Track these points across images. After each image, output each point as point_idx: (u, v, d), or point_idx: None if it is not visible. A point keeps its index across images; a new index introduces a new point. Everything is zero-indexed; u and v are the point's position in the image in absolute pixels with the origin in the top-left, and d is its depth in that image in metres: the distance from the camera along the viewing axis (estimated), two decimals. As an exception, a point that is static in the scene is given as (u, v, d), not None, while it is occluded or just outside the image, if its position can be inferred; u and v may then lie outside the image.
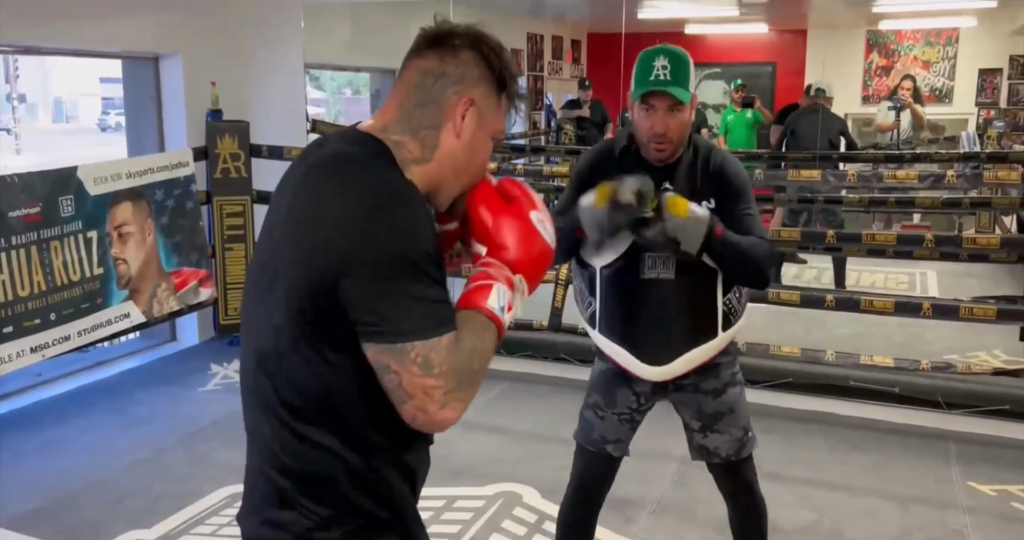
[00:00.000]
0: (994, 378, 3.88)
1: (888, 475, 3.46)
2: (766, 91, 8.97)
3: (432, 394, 1.13)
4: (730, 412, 2.21)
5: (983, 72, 8.54)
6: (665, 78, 1.97)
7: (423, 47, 1.25)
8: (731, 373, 2.23)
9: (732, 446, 2.23)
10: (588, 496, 2.32)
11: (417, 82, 1.24)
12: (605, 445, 2.25)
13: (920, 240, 3.92)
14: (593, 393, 2.28)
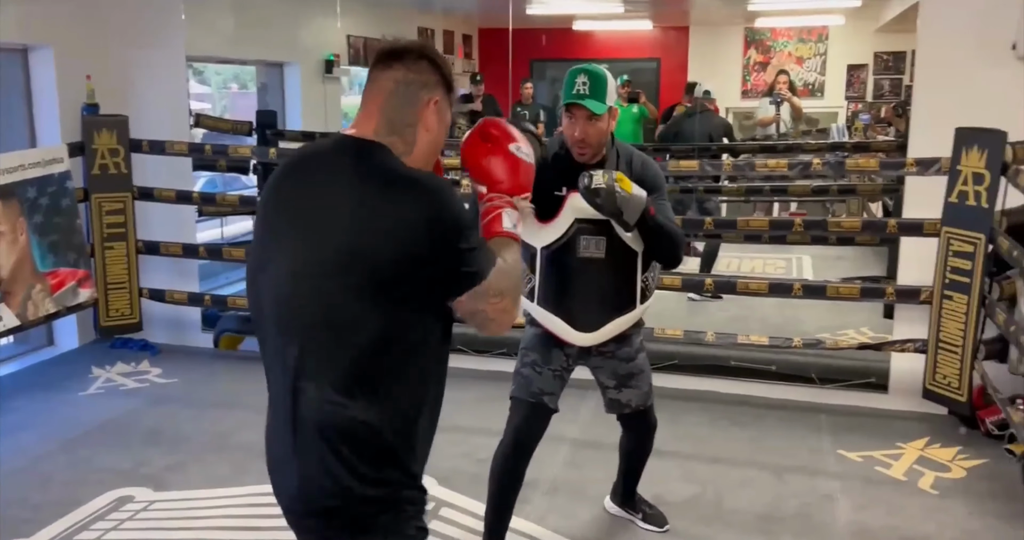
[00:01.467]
0: (860, 353, 4.14)
1: (765, 447, 3.66)
2: (651, 86, 9.25)
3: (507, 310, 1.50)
4: (640, 372, 2.70)
5: (851, 67, 9.04)
6: (584, 93, 2.36)
7: (389, 60, 1.53)
8: (640, 341, 2.71)
9: (640, 398, 2.71)
10: (523, 448, 2.60)
11: (392, 89, 1.52)
12: (543, 396, 2.60)
13: (791, 225, 4.14)
14: (530, 353, 2.62)
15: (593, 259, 2.46)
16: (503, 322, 1.52)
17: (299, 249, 1.46)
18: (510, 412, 2.63)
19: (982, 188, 3.36)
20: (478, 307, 1.48)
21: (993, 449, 3.55)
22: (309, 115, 6.40)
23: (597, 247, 2.45)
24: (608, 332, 2.54)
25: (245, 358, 4.92)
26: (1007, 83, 3.80)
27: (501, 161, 1.65)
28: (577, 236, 2.44)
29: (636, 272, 2.51)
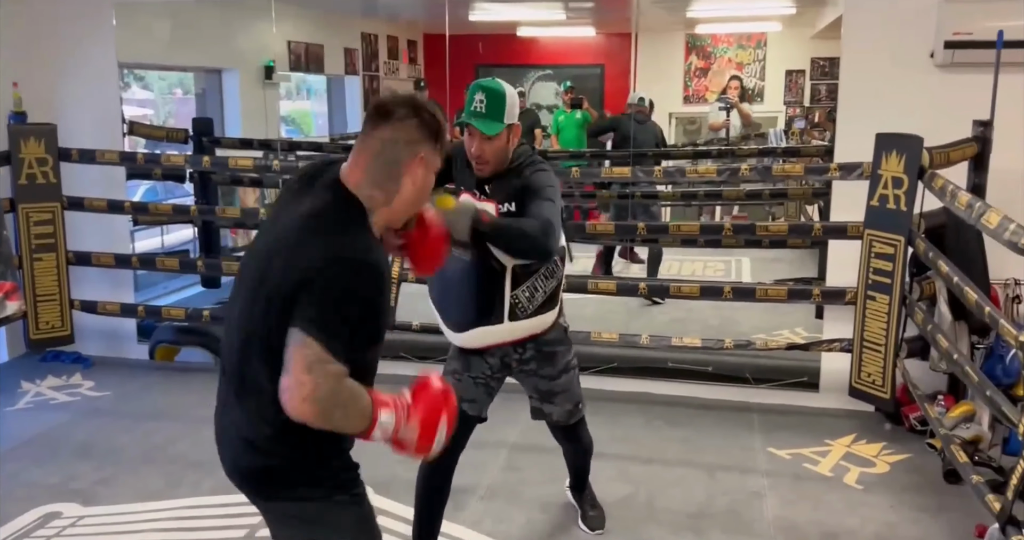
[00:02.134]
0: (792, 352, 4.22)
1: (698, 447, 3.72)
2: (596, 92, 9.32)
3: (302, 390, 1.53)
4: (563, 392, 2.70)
5: (789, 73, 9.21)
6: (480, 111, 2.36)
7: (378, 119, 1.67)
8: (566, 361, 2.68)
9: (563, 415, 2.74)
10: (448, 456, 2.49)
11: (378, 150, 1.66)
12: (462, 404, 2.41)
13: (721, 229, 4.22)
14: (452, 361, 2.65)
15: (463, 262, 2.41)
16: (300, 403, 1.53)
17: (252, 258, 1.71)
18: None
19: (901, 192, 3.47)
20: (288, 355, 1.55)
21: (916, 444, 3.66)
22: (249, 121, 6.34)
23: (465, 250, 2.37)
24: (477, 337, 2.53)
25: (182, 369, 4.87)
26: (926, 90, 3.94)
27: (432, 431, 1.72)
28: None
29: (503, 286, 2.45)
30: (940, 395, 3.68)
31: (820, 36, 8.43)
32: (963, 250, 3.46)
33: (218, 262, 5.05)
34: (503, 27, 8.74)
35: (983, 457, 3.26)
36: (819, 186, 5.24)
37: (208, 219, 5.29)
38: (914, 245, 3.41)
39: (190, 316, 4.67)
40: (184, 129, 5.73)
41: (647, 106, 6.42)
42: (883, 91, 3.99)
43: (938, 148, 3.41)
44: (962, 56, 3.82)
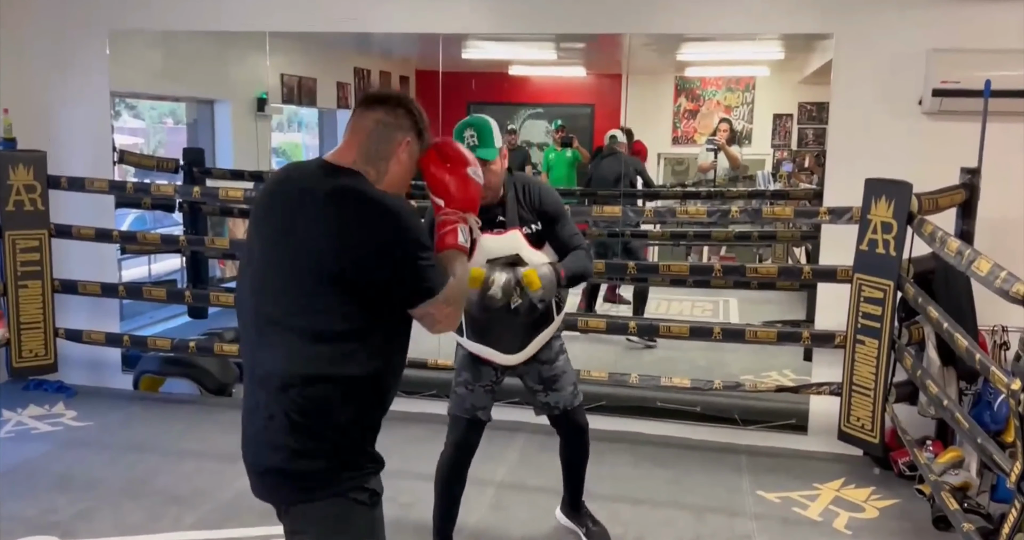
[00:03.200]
0: (782, 395, 4.22)
1: (686, 488, 3.70)
2: (585, 131, 9.39)
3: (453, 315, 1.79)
4: (563, 374, 2.95)
5: (777, 117, 9.34)
6: (474, 144, 2.61)
7: (372, 103, 1.82)
8: (559, 344, 2.97)
9: (567, 399, 2.96)
10: (462, 458, 2.90)
11: (372, 128, 1.79)
12: (476, 411, 2.88)
13: (711, 270, 4.24)
14: (463, 372, 2.90)
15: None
16: (449, 325, 1.81)
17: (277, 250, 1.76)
18: (449, 427, 2.92)
19: (890, 237, 3.50)
20: (428, 311, 1.75)
21: (905, 489, 3.65)
22: (240, 153, 6.34)
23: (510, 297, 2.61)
24: (531, 350, 2.84)
25: (166, 400, 4.81)
26: (914, 137, 4.01)
27: (458, 181, 1.91)
28: (491, 274, 2.60)
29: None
30: (929, 440, 3.69)
31: (807, 81, 8.56)
32: (951, 296, 3.49)
33: (206, 293, 5.01)
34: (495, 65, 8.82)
35: (972, 504, 3.25)
36: (807, 229, 5.29)
37: (197, 249, 5.26)
38: (903, 290, 3.44)
39: (176, 347, 4.62)
40: (175, 159, 5.73)
41: (619, 143, 6.48)
42: (872, 137, 4.05)
43: (927, 194, 3.45)
44: (950, 104, 3.89)
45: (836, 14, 4.05)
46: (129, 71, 5.20)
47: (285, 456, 1.72)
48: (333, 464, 1.73)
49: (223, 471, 3.78)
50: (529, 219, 2.74)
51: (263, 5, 4.63)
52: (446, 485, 2.93)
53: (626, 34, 4.65)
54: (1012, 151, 3.82)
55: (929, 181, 3.55)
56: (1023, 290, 2.26)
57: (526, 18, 4.48)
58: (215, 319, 5.54)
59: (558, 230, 2.76)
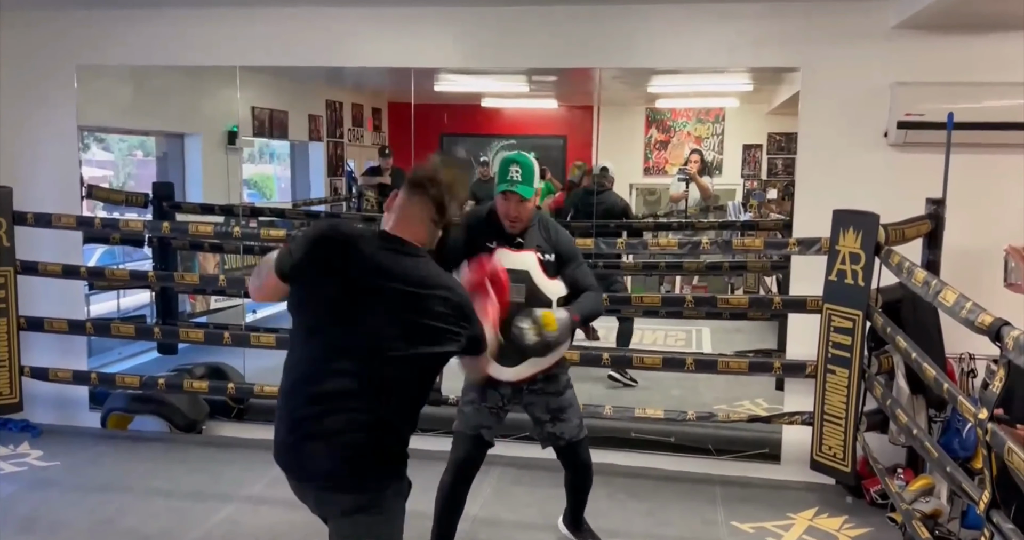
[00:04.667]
0: (755, 424, 4.24)
1: (661, 520, 3.68)
2: (558, 163, 9.45)
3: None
4: (570, 406, 3.11)
5: (747, 147, 9.47)
6: (517, 180, 2.89)
7: (416, 189, 2.17)
8: (566, 379, 3.14)
9: (573, 431, 3.11)
10: (464, 475, 3.04)
11: (417, 213, 2.16)
12: (480, 430, 3.03)
13: (683, 301, 4.27)
14: (470, 392, 3.07)
15: (514, 303, 2.77)
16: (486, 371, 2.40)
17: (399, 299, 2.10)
18: (453, 444, 3.07)
19: (859, 267, 3.54)
20: (474, 364, 2.27)
21: (877, 518, 3.66)
22: (211, 186, 6.31)
23: (518, 293, 2.82)
24: (526, 368, 2.95)
25: (134, 438, 4.72)
26: (880, 168, 4.08)
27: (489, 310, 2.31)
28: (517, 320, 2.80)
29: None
30: (900, 468, 3.71)
31: (776, 112, 8.69)
32: (919, 324, 3.53)
33: (175, 329, 4.96)
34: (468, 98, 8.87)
35: (943, 531, 3.27)
36: (777, 259, 5.34)
37: (167, 285, 5.21)
38: (872, 320, 3.47)
39: (145, 384, 4.55)
40: (144, 193, 5.69)
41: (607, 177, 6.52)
42: (839, 168, 4.12)
43: (893, 225, 3.51)
44: (914, 136, 3.97)
45: (802, 48, 4.13)
46: (97, 105, 5.17)
47: None
48: None
49: (191, 510, 3.71)
50: (545, 248, 2.99)
51: (233, 40, 4.64)
52: (445, 502, 3.04)
53: (597, 68, 4.70)
54: (975, 182, 3.90)
55: (896, 212, 3.61)
56: (988, 320, 2.30)
57: (497, 53, 4.53)
58: (185, 355, 5.47)
59: (572, 270, 3.00)
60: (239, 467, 4.24)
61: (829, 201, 3.74)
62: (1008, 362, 2.23)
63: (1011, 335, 2.14)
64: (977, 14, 3.77)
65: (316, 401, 2.06)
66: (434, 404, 4.16)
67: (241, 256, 6.10)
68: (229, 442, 4.68)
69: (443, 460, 3.14)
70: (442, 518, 3.05)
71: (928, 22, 3.88)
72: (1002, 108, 3.92)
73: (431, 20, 4.46)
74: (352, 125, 8.79)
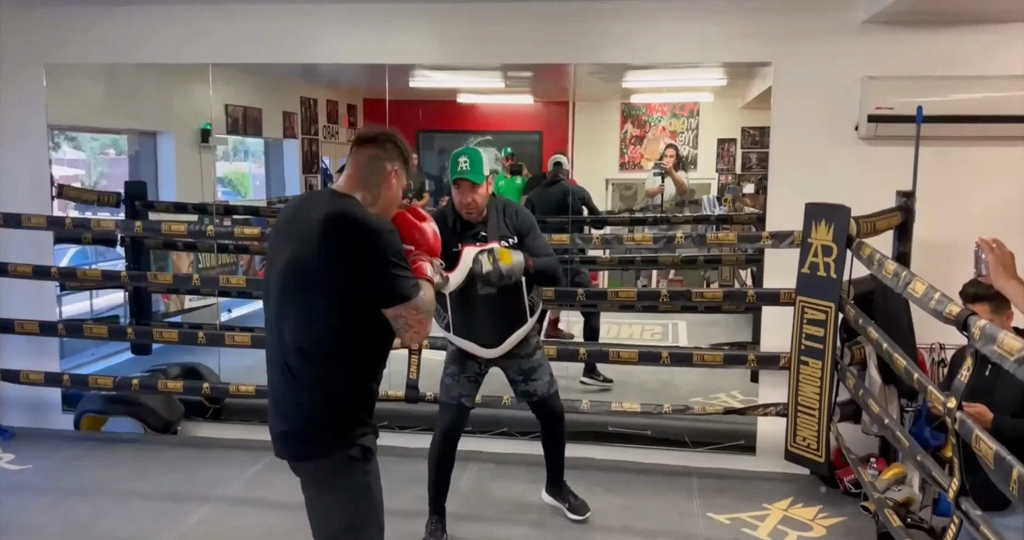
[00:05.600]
0: (730, 416, 4.27)
1: (638, 514, 3.70)
2: (534, 158, 9.45)
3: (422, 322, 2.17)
4: (539, 366, 3.44)
5: (721, 141, 9.52)
6: (465, 169, 3.21)
7: (364, 142, 2.25)
8: (536, 341, 3.47)
9: (543, 387, 3.44)
10: (450, 440, 3.37)
11: (365, 163, 2.22)
12: (461, 398, 3.38)
13: (658, 295, 4.29)
14: (451, 365, 3.42)
15: (488, 294, 3.21)
16: (418, 331, 2.16)
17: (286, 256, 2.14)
18: (439, 413, 3.43)
19: (831, 260, 3.58)
20: (400, 313, 2.12)
21: (851, 507, 3.70)
22: (184, 184, 6.25)
23: (492, 287, 3.17)
24: (508, 344, 3.32)
25: (109, 440, 4.68)
26: (851, 162, 4.12)
27: (423, 234, 2.30)
28: (475, 280, 3.14)
29: (523, 296, 3.31)
30: (873, 458, 3.76)
31: (749, 107, 8.74)
32: (891, 315, 3.58)
33: (149, 329, 4.92)
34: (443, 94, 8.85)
35: (915, 519, 3.31)
36: (751, 252, 5.38)
37: (140, 284, 5.17)
38: (844, 311, 3.51)
39: (118, 385, 4.51)
40: (116, 193, 5.63)
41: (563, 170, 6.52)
42: (811, 162, 4.16)
43: (865, 217, 3.55)
44: (885, 130, 4.01)
45: (774, 43, 4.16)
46: (68, 104, 5.11)
47: None
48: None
49: (168, 511, 3.69)
50: (507, 234, 3.27)
51: (205, 37, 4.60)
52: (437, 464, 3.37)
53: (571, 64, 4.71)
54: (944, 174, 3.95)
55: (867, 204, 3.66)
56: (955, 311, 2.33)
57: (472, 49, 4.53)
58: (159, 355, 5.43)
59: (529, 242, 3.28)
60: (216, 467, 4.22)
61: (802, 194, 3.78)
62: (975, 351, 2.26)
63: (977, 325, 2.18)
64: (944, 10, 3.82)
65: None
66: (411, 401, 4.17)
67: (215, 255, 6.05)
68: (205, 442, 4.66)
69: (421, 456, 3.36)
70: (436, 477, 3.39)
71: (897, 17, 3.92)
72: (970, 101, 3.98)
73: (405, 16, 4.45)
74: (327, 122, 8.75)
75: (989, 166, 4.04)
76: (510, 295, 3.26)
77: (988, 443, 2.09)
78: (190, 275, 5.48)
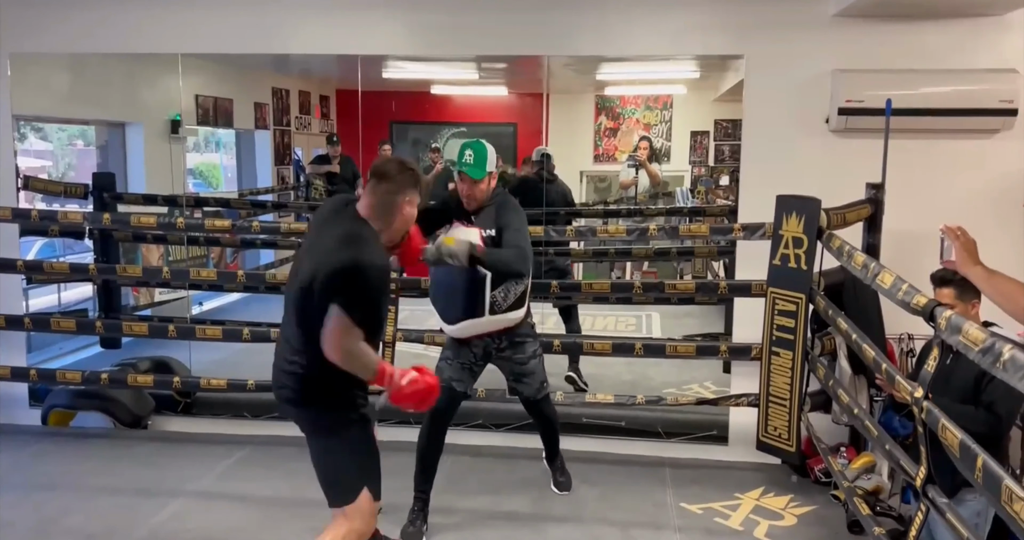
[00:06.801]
0: (703, 407, 4.30)
1: (613, 504, 3.72)
2: (509, 150, 9.42)
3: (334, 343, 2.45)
4: (531, 374, 3.56)
5: (694, 134, 9.56)
6: (469, 163, 3.33)
7: (379, 180, 2.58)
8: (533, 350, 3.56)
9: (532, 392, 3.59)
10: (439, 423, 3.44)
11: (380, 200, 2.58)
12: (452, 382, 3.43)
13: (631, 287, 4.31)
14: (446, 350, 3.54)
15: (452, 270, 3.26)
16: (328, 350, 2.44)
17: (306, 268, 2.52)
18: None
19: (801, 251, 3.61)
20: (330, 326, 2.41)
21: (821, 496, 3.75)
22: (153, 176, 6.17)
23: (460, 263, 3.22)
24: (466, 329, 3.38)
25: (77, 435, 4.62)
26: (822, 154, 4.15)
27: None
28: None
29: (485, 288, 3.30)
30: (843, 447, 3.80)
31: (722, 99, 8.78)
32: (860, 307, 3.62)
33: (118, 323, 4.86)
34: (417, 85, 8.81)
35: (884, 507, 3.36)
36: (724, 244, 5.41)
37: (108, 278, 5.10)
38: (815, 302, 3.55)
39: (87, 379, 4.46)
40: (84, 184, 5.54)
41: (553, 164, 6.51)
42: (783, 154, 4.18)
43: (835, 209, 3.58)
44: (855, 122, 4.05)
45: (746, 36, 4.18)
46: (34, 94, 5.02)
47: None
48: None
49: (138, 507, 3.65)
50: (489, 226, 3.38)
51: (175, 26, 4.54)
52: (423, 447, 3.45)
53: (545, 56, 4.70)
54: (913, 167, 4.00)
55: (837, 196, 3.69)
56: (923, 302, 2.36)
57: (446, 40, 4.50)
58: (129, 349, 5.36)
59: (506, 235, 3.35)
60: (186, 462, 4.18)
61: (773, 187, 3.80)
62: (941, 341, 2.29)
63: (944, 315, 2.20)
64: (913, 4, 3.86)
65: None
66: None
67: (186, 247, 5.99)
68: (176, 437, 4.61)
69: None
70: (423, 462, 3.47)
71: (866, 11, 3.95)
72: (938, 95, 4.02)
73: (379, 6, 4.42)
74: (299, 113, 8.67)
75: (957, 159, 4.10)
76: (470, 281, 3.31)
77: (954, 432, 2.12)
78: (160, 268, 5.41)
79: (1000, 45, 4.01)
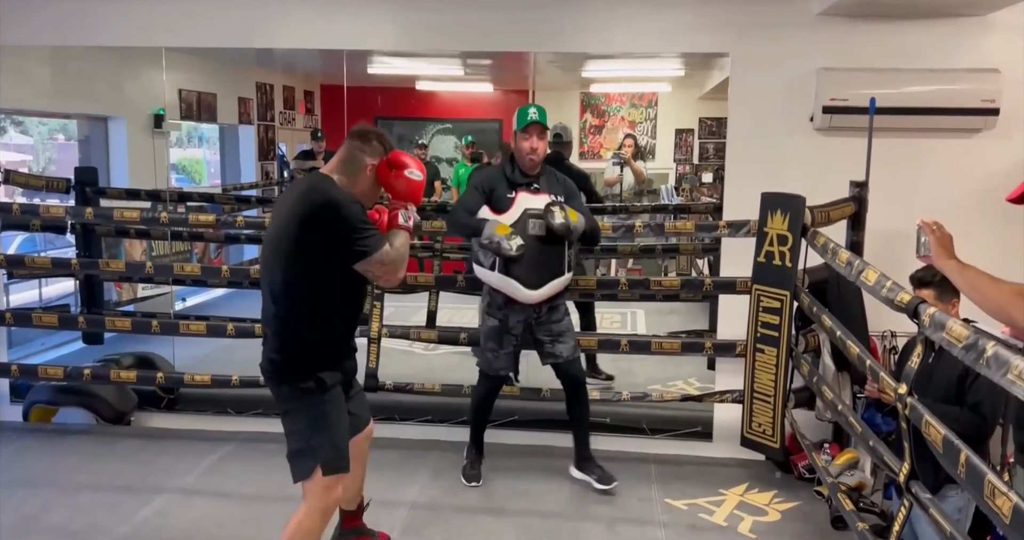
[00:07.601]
0: (688, 404, 4.32)
1: (597, 500, 3.73)
2: (493, 146, 9.45)
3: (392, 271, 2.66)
4: (568, 330, 3.80)
5: (679, 132, 9.60)
6: (537, 117, 3.66)
7: (355, 136, 2.71)
8: (564, 310, 3.82)
9: (569, 351, 3.77)
10: (490, 401, 3.90)
11: (349, 154, 2.69)
12: (500, 371, 3.82)
13: (617, 284, 4.32)
14: (489, 342, 3.79)
15: (538, 236, 3.53)
16: (388, 280, 2.66)
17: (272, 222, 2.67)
18: (479, 378, 3.88)
19: (786, 249, 3.63)
20: (367, 268, 2.61)
21: (805, 492, 3.78)
22: (136, 170, 6.13)
23: (540, 228, 3.55)
24: (548, 291, 3.61)
25: (59, 431, 4.58)
26: (807, 152, 4.17)
27: (401, 182, 2.72)
28: (526, 219, 3.56)
29: (565, 249, 3.61)
30: (826, 443, 3.83)
31: (707, 97, 8.83)
32: (844, 304, 3.64)
33: (101, 318, 4.82)
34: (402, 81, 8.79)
35: (867, 503, 3.39)
36: (708, 241, 5.44)
37: (91, 273, 5.06)
38: (799, 299, 3.57)
39: (69, 375, 4.42)
40: (66, 179, 5.49)
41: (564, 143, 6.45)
42: (768, 152, 4.20)
43: (819, 207, 3.60)
44: (839, 121, 4.07)
45: (731, 34, 4.19)
46: (14, 87, 4.97)
47: None
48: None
49: (121, 503, 3.63)
50: (556, 192, 3.66)
51: (158, 20, 4.49)
52: (476, 417, 3.94)
53: (531, 52, 4.70)
54: (896, 165, 4.03)
55: (822, 194, 3.71)
56: (906, 299, 2.38)
57: (431, 36, 4.49)
58: (112, 344, 5.33)
59: (575, 204, 3.66)
60: (170, 458, 4.16)
61: (758, 184, 3.82)
62: (924, 338, 2.32)
63: (927, 312, 2.22)
64: (897, 3, 3.89)
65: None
66: (370, 390, 4.14)
67: (169, 243, 5.95)
68: (159, 433, 4.58)
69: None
70: (476, 426, 3.95)
71: (851, 10, 3.98)
72: (922, 94, 4.05)
73: (364, 1, 4.40)
74: (284, 108, 8.63)
75: (940, 157, 4.13)
76: (558, 247, 3.59)
77: (937, 428, 2.14)
78: (143, 263, 5.37)
79: (982, 45, 4.05)
